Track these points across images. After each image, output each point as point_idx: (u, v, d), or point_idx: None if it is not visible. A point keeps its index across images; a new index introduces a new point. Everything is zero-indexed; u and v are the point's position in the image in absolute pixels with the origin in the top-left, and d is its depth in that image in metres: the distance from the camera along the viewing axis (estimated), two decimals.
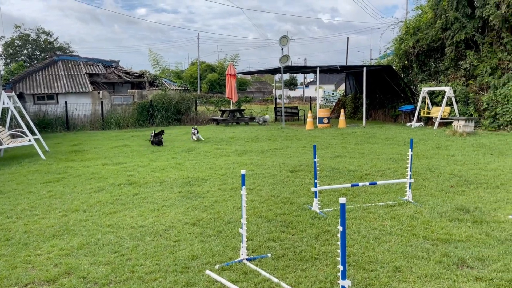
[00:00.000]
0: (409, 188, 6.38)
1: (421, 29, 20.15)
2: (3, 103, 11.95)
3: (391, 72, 20.44)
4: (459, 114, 17.09)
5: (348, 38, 48.54)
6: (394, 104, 21.67)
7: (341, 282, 3.08)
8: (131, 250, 4.74)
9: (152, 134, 13.68)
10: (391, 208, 6.03)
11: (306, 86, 79.21)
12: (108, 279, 4.02)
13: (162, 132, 13.75)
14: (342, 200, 3.02)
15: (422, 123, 18.49)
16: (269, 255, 4.49)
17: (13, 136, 13.05)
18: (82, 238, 5.16)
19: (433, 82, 19.88)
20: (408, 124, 19.04)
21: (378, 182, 6.43)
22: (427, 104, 18.79)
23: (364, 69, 19.79)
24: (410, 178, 6.33)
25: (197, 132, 14.75)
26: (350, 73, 24.72)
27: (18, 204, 6.79)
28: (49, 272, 4.20)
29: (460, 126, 14.79)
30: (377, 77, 21.31)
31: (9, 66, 41.46)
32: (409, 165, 6.33)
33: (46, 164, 10.53)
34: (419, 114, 18.67)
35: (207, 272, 4.10)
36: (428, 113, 18.57)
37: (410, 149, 6.31)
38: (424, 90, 18.49)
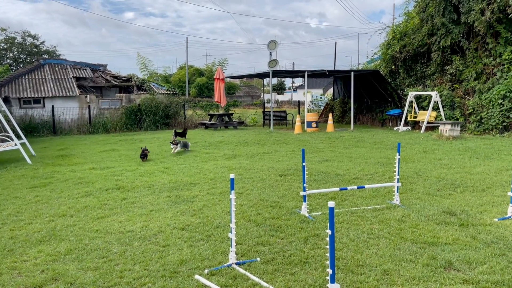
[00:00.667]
0: (397, 192, 6.44)
1: (408, 34, 20.41)
2: None
3: (379, 76, 20.65)
4: (446, 118, 17.32)
5: (336, 42, 48.99)
6: (381, 108, 21.88)
7: (330, 285, 3.10)
8: (119, 255, 4.70)
9: (174, 134, 13.01)
10: (379, 211, 6.08)
11: (295, 91, 79.52)
12: (96, 285, 3.98)
13: (185, 131, 12.99)
14: (331, 204, 3.04)
15: (409, 127, 18.70)
16: (258, 259, 4.49)
17: None
18: (70, 243, 5.09)
19: (420, 87, 20.13)
20: (395, 128, 19.23)
21: (366, 186, 6.48)
22: (414, 108, 19.01)
23: (352, 73, 19.96)
24: (397, 182, 6.39)
25: (178, 144, 12.49)
26: (338, 77, 24.91)
27: (3, 209, 6.68)
28: (35, 278, 4.14)
29: (446, 130, 14.99)
30: (365, 82, 21.51)
31: None
32: (396, 169, 6.39)
33: (32, 169, 10.39)
34: (406, 118, 18.88)
35: (196, 276, 4.09)
36: (415, 117, 18.79)
37: (397, 153, 6.37)
38: (411, 94, 18.71)
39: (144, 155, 11.25)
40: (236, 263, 4.35)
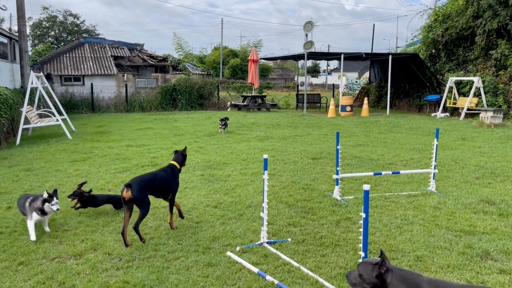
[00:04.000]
0: (433, 179, 6.28)
1: (451, 17, 19.55)
2: (32, 83, 12.23)
3: (418, 60, 19.98)
4: (487, 105, 16.62)
5: (374, 25, 47.64)
6: (419, 93, 21.23)
7: None
8: (154, 229, 4.85)
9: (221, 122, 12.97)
10: (413, 198, 5.97)
11: (329, 74, 78.25)
12: (132, 256, 4.13)
13: (227, 118, 13.05)
14: (366, 187, 3.01)
15: (447, 114, 18.09)
16: (289, 239, 4.52)
17: (41, 116, 13.38)
18: (107, 216, 5.29)
19: (461, 72, 19.34)
20: (433, 114, 18.65)
21: (401, 172, 6.35)
22: (454, 94, 18.33)
23: (390, 57, 19.40)
24: (434, 169, 6.23)
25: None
26: (375, 61, 24.29)
27: (46, 181, 7.00)
28: (76, 247, 4.34)
29: (488, 117, 14.40)
30: (403, 66, 20.88)
31: (37, 47, 42.32)
32: (434, 155, 6.22)
33: (72, 144, 10.79)
34: (445, 104, 18.26)
35: (228, 253, 4.17)
36: (455, 103, 18.14)
37: (435, 139, 6.19)
38: (451, 80, 18.02)
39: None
40: (267, 242, 4.40)
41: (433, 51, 21.09)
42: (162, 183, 4.74)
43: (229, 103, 22.80)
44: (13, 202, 5.82)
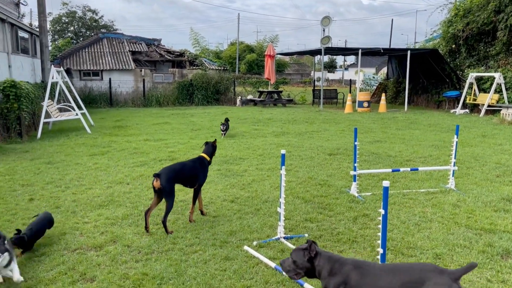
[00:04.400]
0: (452, 176, 6.19)
1: (472, 11, 19.14)
2: (53, 78, 12.44)
3: (437, 56, 19.64)
4: (509, 102, 16.26)
5: (392, 20, 47.00)
6: (438, 89, 20.88)
7: None
8: (172, 222, 4.91)
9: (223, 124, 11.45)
10: (432, 195, 5.90)
11: (346, 69, 77.50)
12: (151, 249, 4.19)
13: (227, 120, 11.63)
14: (386, 183, 2.99)
15: (467, 110, 17.76)
16: (306, 235, 4.53)
17: (60, 110, 13.62)
18: (126, 209, 5.38)
19: (482, 68, 18.96)
20: (452, 110, 18.34)
21: (420, 168, 6.28)
22: (474, 90, 17.98)
23: (409, 52, 19.11)
24: (453, 166, 6.14)
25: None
26: (393, 56, 23.96)
27: (66, 174, 7.14)
28: (96, 239, 4.43)
29: (509, 114, 14.10)
30: (422, 61, 20.55)
31: (57, 42, 42.96)
32: (453, 152, 6.13)
33: (91, 138, 10.97)
34: (464, 100, 17.92)
35: (245, 247, 4.19)
36: (475, 100, 17.79)
37: (455, 135, 6.10)
38: (472, 75, 17.67)
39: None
40: (284, 237, 4.41)
41: (453, 46, 20.70)
42: (190, 173, 4.90)
43: (239, 98, 21.98)
44: (35, 194, 5.97)
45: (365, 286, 2.57)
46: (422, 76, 21.95)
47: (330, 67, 77.50)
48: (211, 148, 5.22)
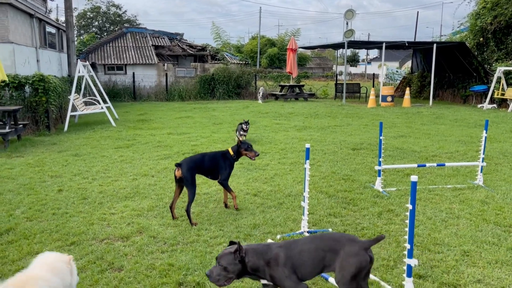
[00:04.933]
0: (481, 172, 6.06)
1: (501, 4, 18.58)
2: (79, 72, 12.69)
3: (464, 49, 19.15)
4: None
5: (418, 12, 45.97)
6: (464, 84, 20.38)
7: (407, 260, 3.04)
8: (196, 215, 4.96)
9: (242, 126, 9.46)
10: (459, 191, 5.78)
11: (369, 63, 76.41)
12: (176, 240, 4.25)
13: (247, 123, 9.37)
14: (414, 178, 2.94)
15: (495, 105, 17.29)
16: (330, 229, 4.51)
17: (86, 104, 13.89)
18: (152, 201, 5.47)
19: (510, 62, 18.39)
20: (479, 105, 17.89)
21: (446, 164, 6.15)
22: (502, 84, 17.47)
23: (435, 45, 18.70)
24: (482, 162, 6.00)
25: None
26: (418, 50, 23.48)
27: (93, 166, 7.30)
28: (122, 230, 4.52)
29: None
30: (448, 55, 20.08)
31: (82, 37, 43.75)
32: (482, 147, 5.99)
33: (116, 131, 11.16)
34: (492, 95, 17.45)
35: (269, 241, 4.21)
36: (503, 94, 17.29)
37: (484, 130, 5.95)
38: (500, 69, 17.17)
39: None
40: (307, 232, 4.40)
41: (481, 39, 20.15)
42: (210, 164, 4.96)
43: (260, 93, 20.29)
44: (64, 185, 6.12)
45: (293, 256, 2.79)
46: (448, 70, 21.46)
47: (353, 61, 76.52)
48: (235, 147, 5.19)
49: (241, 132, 9.06)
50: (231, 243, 2.83)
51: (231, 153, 5.14)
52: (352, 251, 2.71)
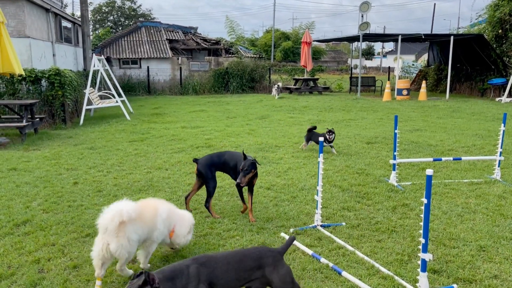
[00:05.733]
0: (498, 166, 5.94)
1: None
2: (94, 66, 12.82)
3: (482, 41, 18.75)
4: None
5: (434, 4, 45.24)
6: (482, 77, 19.98)
7: (422, 255, 3.00)
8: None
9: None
10: (476, 185, 5.68)
11: (384, 56, 75.39)
12: None
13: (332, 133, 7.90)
14: (429, 171, 2.89)
15: None
16: (344, 223, 4.48)
17: (101, 97, 14.04)
18: (165, 194, 5.50)
19: None
20: (497, 99, 17.53)
21: (463, 158, 6.05)
22: None
23: (452, 38, 18.35)
24: (500, 156, 5.88)
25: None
26: (435, 42, 23.08)
27: (108, 159, 7.37)
28: None
29: None
30: (465, 47, 19.70)
31: (97, 31, 44.14)
32: (500, 141, 5.87)
33: (131, 125, 11.26)
34: (511, 88, 17.07)
35: (282, 234, 4.20)
36: None
37: (502, 124, 5.82)
38: None
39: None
40: (321, 225, 4.38)
41: (500, 31, 19.69)
42: (228, 161, 4.85)
43: (275, 87, 19.43)
44: (79, 178, 6.20)
45: (217, 276, 2.61)
46: (466, 63, 21.06)
47: (368, 54, 75.67)
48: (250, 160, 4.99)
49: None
50: (141, 273, 2.36)
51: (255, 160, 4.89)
52: (277, 262, 2.76)
